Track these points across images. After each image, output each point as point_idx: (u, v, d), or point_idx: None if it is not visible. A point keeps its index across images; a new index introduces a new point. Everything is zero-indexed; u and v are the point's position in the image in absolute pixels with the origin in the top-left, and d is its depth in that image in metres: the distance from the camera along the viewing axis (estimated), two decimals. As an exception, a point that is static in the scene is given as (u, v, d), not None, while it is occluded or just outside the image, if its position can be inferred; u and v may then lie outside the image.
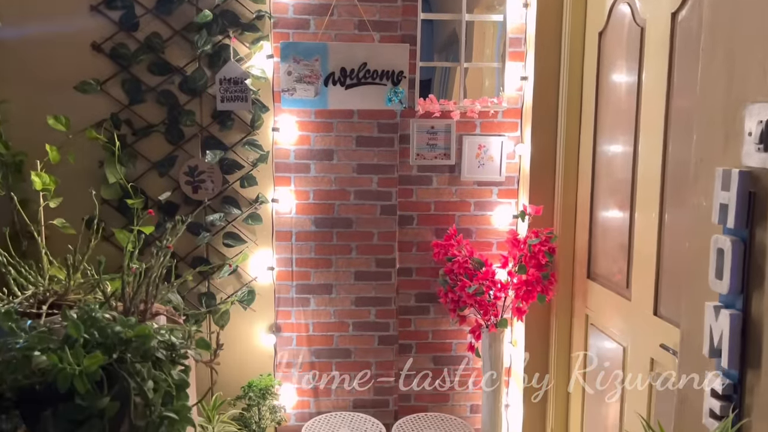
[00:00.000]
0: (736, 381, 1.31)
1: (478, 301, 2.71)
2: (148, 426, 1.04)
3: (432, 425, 2.88)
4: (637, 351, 2.18)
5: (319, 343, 2.93)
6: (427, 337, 2.99)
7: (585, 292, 2.62)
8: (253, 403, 2.69)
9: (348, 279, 2.90)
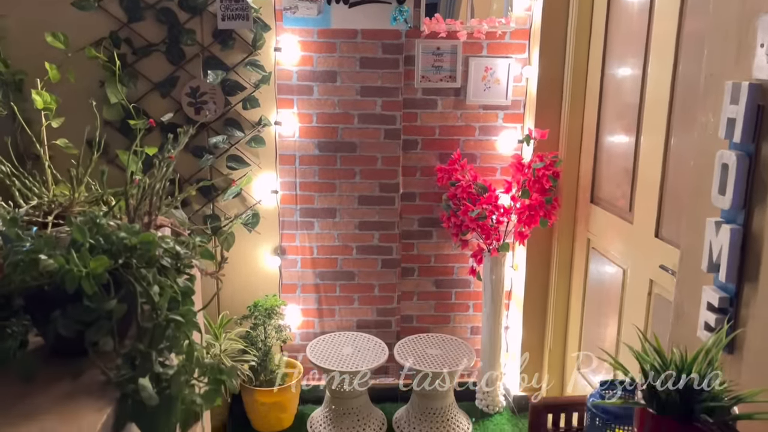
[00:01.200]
0: (732, 294, 1.33)
1: (480, 225, 2.72)
2: (155, 328, 1.07)
3: (433, 345, 2.95)
4: (637, 273, 2.21)
5: (323, 266, 2.97)
6: (429, 261, 3.03)
7: (587, 217, 2.63)
8: (259, 322, 2.76)
9: (352, 203, 2.92)
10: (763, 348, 1.25)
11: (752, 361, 1.28)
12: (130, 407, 0.99)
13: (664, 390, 1.21)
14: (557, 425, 1.67)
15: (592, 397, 1.54)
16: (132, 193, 1.33)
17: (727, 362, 1.35)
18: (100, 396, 0.98)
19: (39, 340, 1.12)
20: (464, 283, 3.06)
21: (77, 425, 0.89)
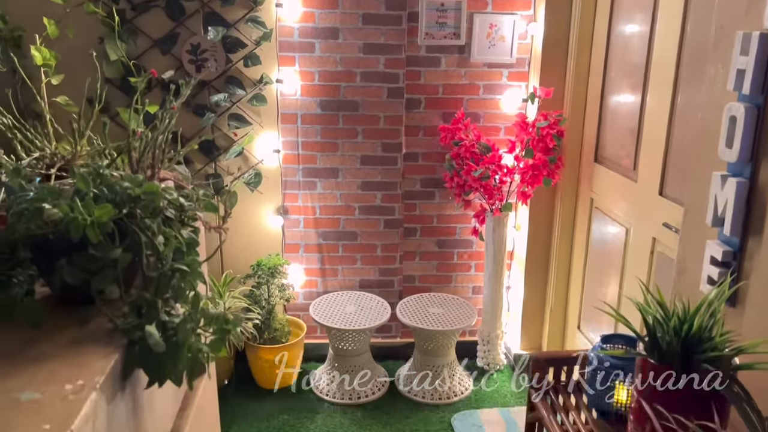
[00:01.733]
0: (736, 248, 1.33)
1: (483, 185, 2.71)
2: (160, 277, 1.07)
3: (435, 304, 2.98)
4: (640, 231, 2.21)
5: (326, 226, 2.98)
6: (431, 221, 3.03)
7: (591, 176, 2.62)
8: (263, 281, 2.78)
9: (354, 163, 2.90)
10: (765, 301, 1.25)
11: (754, 313, 1.29)
12: (138, 353, 1.00)
13: (666, 341, 1.22)
14: (558, 379, 1.69)
15: (593, 349, 1.55)
16: (134, 146, 1.32)
17: (729, 315, 1.36)
18: (108, 343, 0.98)
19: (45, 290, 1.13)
20: (466, 243, 3.06)
21: (85, 370, 0.90)
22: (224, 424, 2.61)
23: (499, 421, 2.66)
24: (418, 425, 2.64)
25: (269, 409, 2.72)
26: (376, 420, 2.67)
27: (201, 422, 1.52)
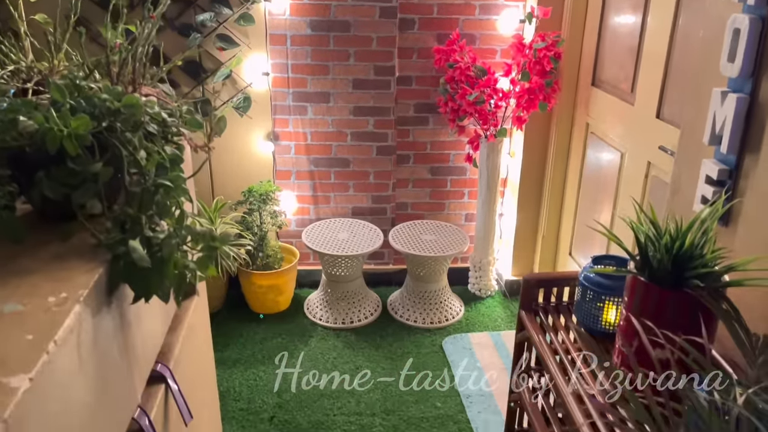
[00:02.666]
0: (732, 166, 1.31)
1: (478, 110, 2.66)
2: (143, 193, 1.04)
3: (427, 231, 2.98)
4: (635, 155, 2.18)
5: (318, 153, 2.93)
6: (425, 148, 2.99)
7: (587, 100, 2.56)
8: (254, 207, 2.76)
9: (346, 87, 2.83)
10: (758, 219, 1.24)
11: (746, 232, 1.28)
12: (122, 268, 0.98)
13: (657, 259, 1.21)
14: (548, 300, 1.70)
15: (584, 270, 1.56)
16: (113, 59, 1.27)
17: (722, 234, 1.35)
18: (91, 258, 0.97)
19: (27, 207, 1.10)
20: (460, 170, 3.03)
21: (69, 283, 0.89)
22: (218, 347, 2.65)
23: (489, 343, 2.71)
24: (410, 348, 2.69)
25: (263, 334, 2.76)
26: (369, 343, 2.72)
27: (192, 342, 1.53)
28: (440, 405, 2.34)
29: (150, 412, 1.15)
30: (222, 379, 2.46)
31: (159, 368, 1.27)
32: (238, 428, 2.21)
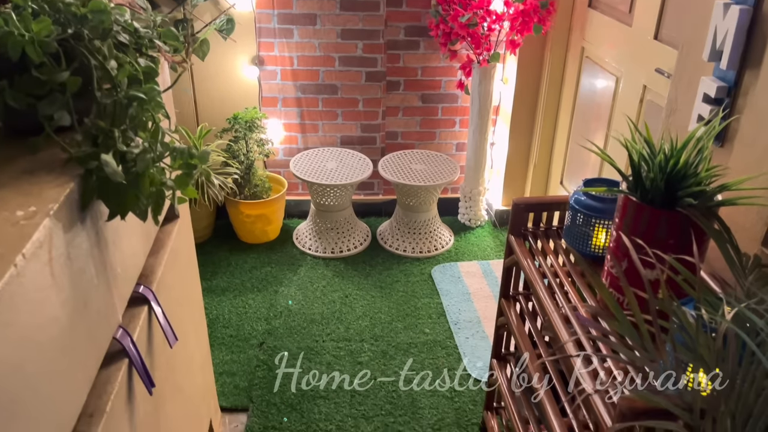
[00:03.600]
0: (731, 84, 1.26)
1: (470, 33, 2.57)
2: (116, 106, 0.99)
3: (418, 161, 2.93)
4: (631, 79, 2.12)
5: (305, 78, 2.85)
6: (415, 74, 2.90)
7: (584, 23, 2.47)
8: (240, 135, 2.69)
9: (333, 8, 2.72)
10: (754, 138, 1.21)
11: (742, 151, 1.25)
12: (95, 184, 0.94)
13: (650, 178, 1.18)
14: (538, 225, 1.68)
15: (575, 193, 1.53)
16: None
17: (718, 154, 1.32)
18: (62, 173, 0.93)
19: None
20: (451, 97, 2.96)
21: (38, 198, 0.85)
22: (207, 275, 2.65)
23: (477, 272, 2.72)
24: (399, 276, 2.69)
25: (252, 263, 2.75)
26: (359, 271, 2.72)
27: (176, 266, 1.50)
28: (428, 331, 2.36)
29: (133, 333, 1.14)
30: (211, 307, 2.46)
31: (141, 290, 1.25)
32: (227, 353, 2.22)
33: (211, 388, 1.90)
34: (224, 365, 2.18)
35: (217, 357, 2.21)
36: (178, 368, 1.48)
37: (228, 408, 2.02)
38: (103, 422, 0.96)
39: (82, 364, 0.90)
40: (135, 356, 1.12)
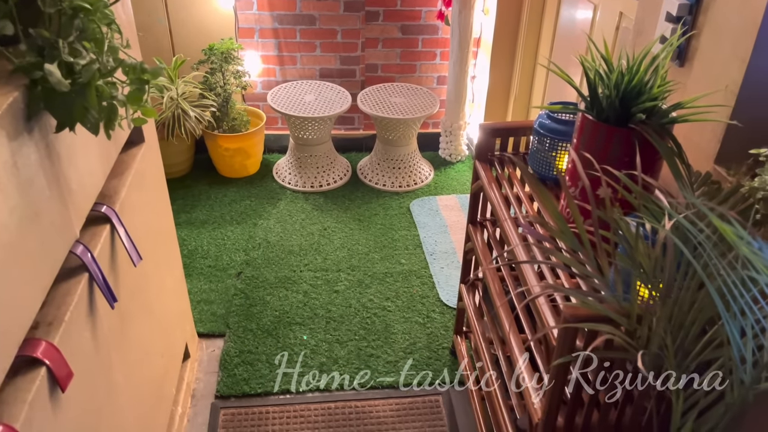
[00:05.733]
0: (692, 1, 1.25)
1: (449, -40, 2.50)
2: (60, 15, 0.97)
3: (397, 94, 2.91)
4: (608, 6, 2.09)
5: (281, 8, 2.79)
6: (395, 3, 2.84)
7: (565, -50, 2.42)
8: (216, 66, 2.66)
9: (310, -65, 2.64)
10: (712, 57, 1.20)
11: (701, 69, 1.25)
12: (41, 94, 0.94)
13: (606, 95, 1.19)
14: (504, 150, 1.69)
15: (539, 117, 1.53)
16: None
17: (677, 73, 1.32)
18: (5, 83, 0.92)
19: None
20: (432, 29, 2.91)
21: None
22: (186, 208, 2.66)
23: (455, 205, 2.74)
24: (378, 210, 2.71)
25: (231, 196, 2.76)
26: (338, 205, 2.74)
27: (143, 190, 1.51)
28: (404, 262, 2.40)
29: (94, 249, 1.15)
30: (190, 239, 2.49)
31: (104, 210, 1.26)
32: (205, 283, 2.26)
33: (186, 314, 1.94)
34: (202, 294, 2.22)
35: (196, 286, 2.25)
36: (148, 289, 1.51)
37: (205, 333, 2.07)
38: (61, 331, 0.98)
39: (34, 273, 0.92)
40: (95, 271, 1.14)
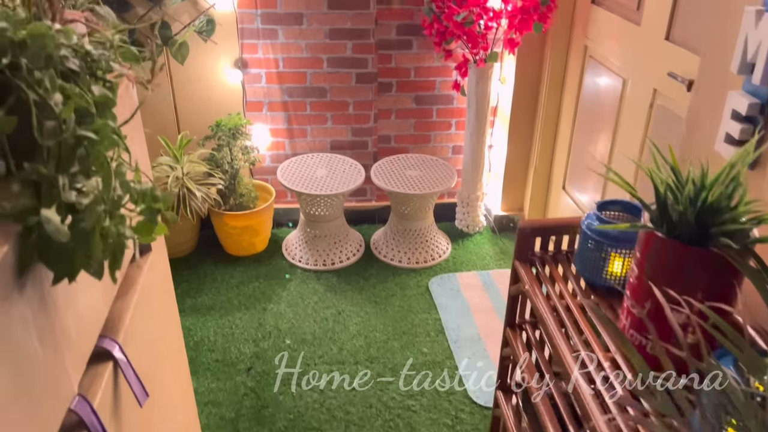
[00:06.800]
0: (764, 100, 1.12)
1: (466, 32, 2.42)
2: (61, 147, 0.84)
3: (412, 166, 2.79)
4: (640, 82, 1.98)
5: (291, 81, 2.69)
6: (408, 74, 2.75)
7: (586, 20, 2.33)
8: (224, 143, 2.54)
9: (320, 6, 2.56)
10: (794, 162, 1.07)
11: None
12: (35, 243, 0.80)
13: (678, 211, 1.05)
14: (546, 249, 1.55)
15: (587, 218, 1.39)
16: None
17: (748, 178, 1.18)
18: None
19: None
20: (446, 99, 2.81)
21: (-38, 266, 0.71)
22: (191, 293, 2.51)
23: (477, 284, 2.59)
24: (394, 289, 2.56)
25: (239, 277, 2.61)
26: (352, 285, 2.58)
27: (149, 303, 1.36)
28: (427, 351, 2.24)
29: (94, 398, 0.99)
30: (196, 328, 2.32)
31: (106, 344, 1.10)
32: (212, 380, 2.09)
33: (193, 423, 1.77)
34: (209, 394, 2.04)
35: (202, 385, 2.07)
36: (153, 420, 1.34)
37: (214, 442, 1.89)
38: None
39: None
40: (95, 427, 0.98)
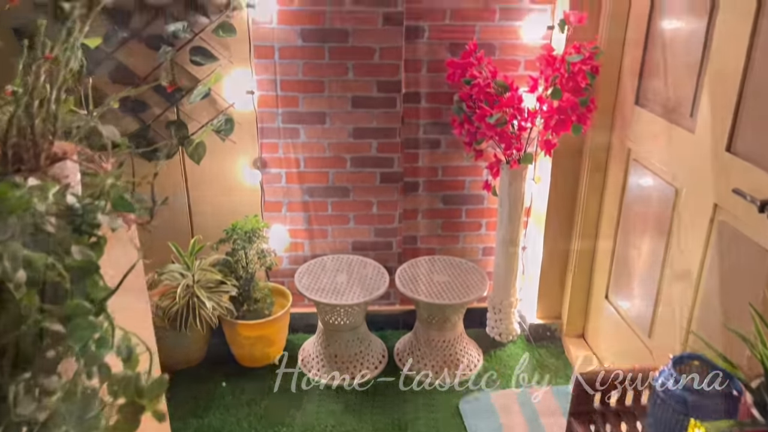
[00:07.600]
0: None
1: (499, 133, 2.27)
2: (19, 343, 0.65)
3: (440, 270, 2.59)
4: (696, 194, 1.79)
5: (313, 181, 2.54)
6: (436, 174, 2.60)
7: (629, 122, 2.17)
8: (239, 246, 2.37)
9: (344, 106, 2.44)
10: None
11: None
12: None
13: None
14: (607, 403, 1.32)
15: (661, 375, 1.17)
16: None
17: None
18: None
19: None
20: (476, 199, 2.64)
21: None
22: (197, 411, 2.28)
23: (514, 405, 2.33)
24: (420, 411, 2.30)
25: (250, 393, 2.38)
26: (374, 404, 2.33)
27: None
28: (459, 491, 1.96)
29: None
30: (200, 457, 2.08)
31: None
32: None
33: None
34: None
35: None
36: None
37: None
38: None
39: None
40: None
